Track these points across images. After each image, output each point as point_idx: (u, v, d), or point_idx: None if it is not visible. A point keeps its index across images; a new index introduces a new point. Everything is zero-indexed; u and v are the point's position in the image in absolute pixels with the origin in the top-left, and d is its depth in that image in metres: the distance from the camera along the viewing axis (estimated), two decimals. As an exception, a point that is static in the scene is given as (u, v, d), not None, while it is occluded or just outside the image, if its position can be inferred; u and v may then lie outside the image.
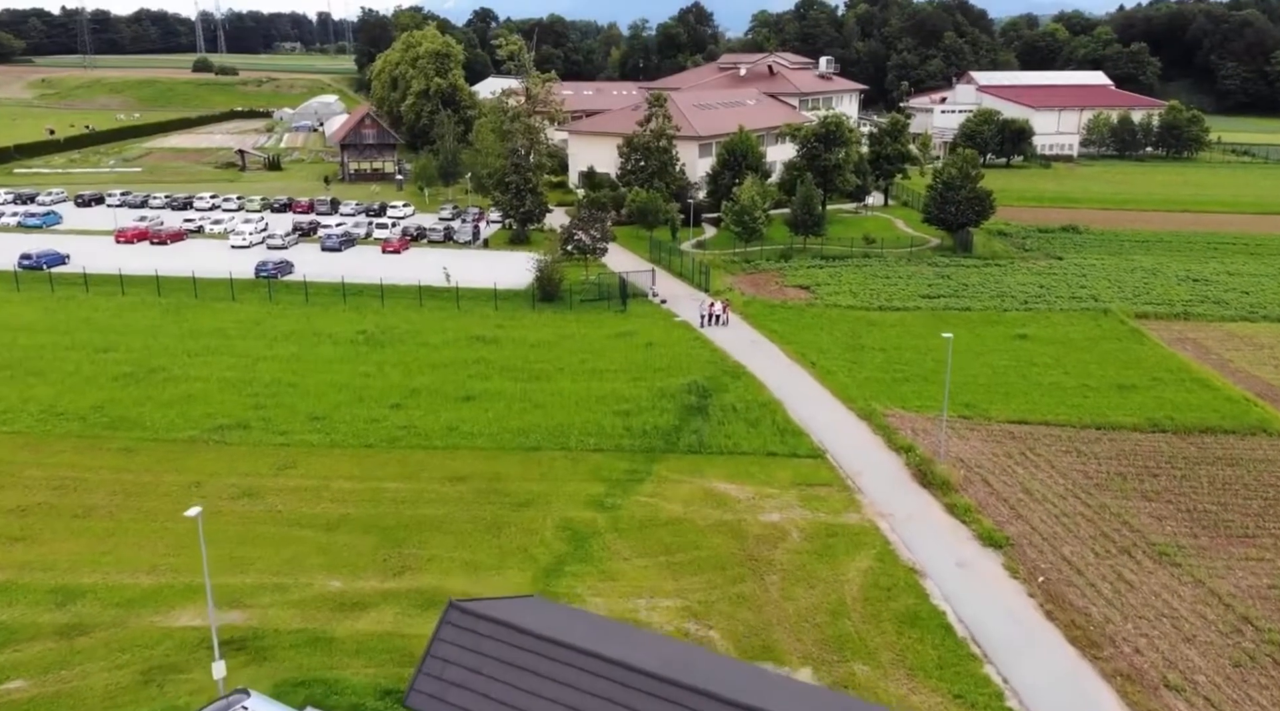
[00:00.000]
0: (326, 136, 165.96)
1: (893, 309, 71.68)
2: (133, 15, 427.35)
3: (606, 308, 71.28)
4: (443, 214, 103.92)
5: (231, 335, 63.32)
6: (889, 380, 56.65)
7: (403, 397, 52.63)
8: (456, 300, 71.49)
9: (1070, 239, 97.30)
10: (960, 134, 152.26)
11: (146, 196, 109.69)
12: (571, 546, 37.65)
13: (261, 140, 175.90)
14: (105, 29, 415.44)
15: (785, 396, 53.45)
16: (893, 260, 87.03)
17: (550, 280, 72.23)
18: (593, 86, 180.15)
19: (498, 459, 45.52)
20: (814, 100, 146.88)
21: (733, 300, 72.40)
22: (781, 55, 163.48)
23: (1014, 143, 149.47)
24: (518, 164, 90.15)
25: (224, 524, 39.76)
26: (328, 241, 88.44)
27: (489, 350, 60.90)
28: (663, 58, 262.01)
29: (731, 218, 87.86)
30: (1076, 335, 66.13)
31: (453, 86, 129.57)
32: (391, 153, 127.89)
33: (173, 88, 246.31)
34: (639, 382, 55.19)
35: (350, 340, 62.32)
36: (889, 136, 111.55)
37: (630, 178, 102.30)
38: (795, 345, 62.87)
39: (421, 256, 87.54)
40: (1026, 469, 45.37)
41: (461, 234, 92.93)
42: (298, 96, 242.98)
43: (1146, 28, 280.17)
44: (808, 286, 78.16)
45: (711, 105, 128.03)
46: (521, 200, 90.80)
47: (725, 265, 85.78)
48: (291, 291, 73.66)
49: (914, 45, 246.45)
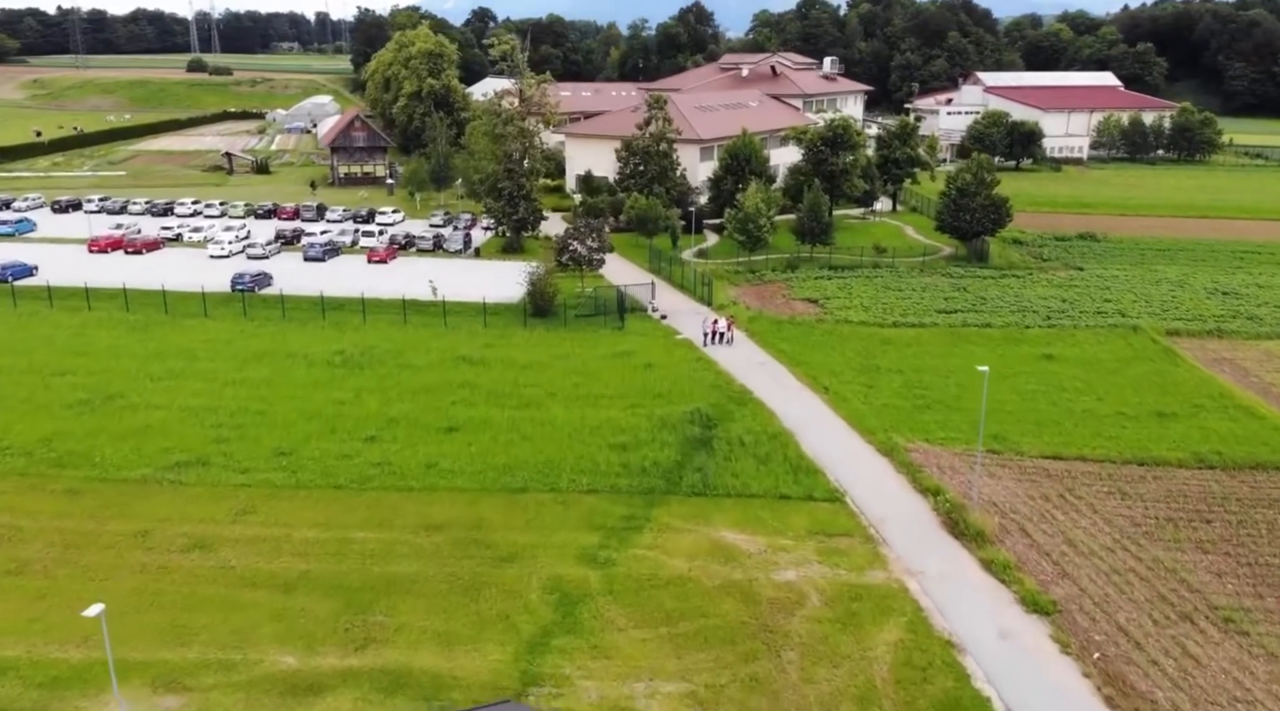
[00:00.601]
0: (319, 138, 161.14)
1: (908, 325, 66.96)
2: (129, 15, 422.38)
3: (603, 324, 66.56)
4: (433, 220, 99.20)
5: (199, 356, 58.58)
6: (909, 407, 51.94)
7: (379, 428, 47.94)
8: (443, 316, 66.73)
9: (1089, 247, 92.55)
10: (968, 136, 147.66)
11: (126, 202, 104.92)
12: (560, 613, 32.98)
13: (253, 142, 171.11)
14: (101, 29, 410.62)
15: (797, 426, 48.75)
16: (905, 270, 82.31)
17: (543, 294, 67.51)
18: (591, 87, 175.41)
19: (480, 502, 40.81)
20: (818, 102, 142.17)
21: (737, 316, 67.73)
22: (784, 55, 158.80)
23: (1024, 145, 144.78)
24: (511, 169, 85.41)
25: (170, 583, 35.18)
26: (310, 251, 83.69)
27: (476, 372, 56.20)
28: (663, 58, 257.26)
29: (735, 226, 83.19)
30: (1106, 355, 61.44)
31: (446, 88, 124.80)
32: (382, 156, 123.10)
33: (165, 88, 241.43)
34: (637, 410, 50.51)
35: (327, 361, 57.60)
36: (898, 140, 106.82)
37: (629, 183, 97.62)
38: (805, 366, 58.17)
39: (409, 266, 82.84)
40: (1067, 514, 40.68)
41: (452, 242, 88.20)
42: (292, 97, 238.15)
43: (1152, 28, 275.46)
44: (816, 300, 73.44)
45: (713, 107, 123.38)
46: (515, 207, 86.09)
47: (728, 276, 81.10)
48: (268, 306, 68.90)
49: (917, 45, 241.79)
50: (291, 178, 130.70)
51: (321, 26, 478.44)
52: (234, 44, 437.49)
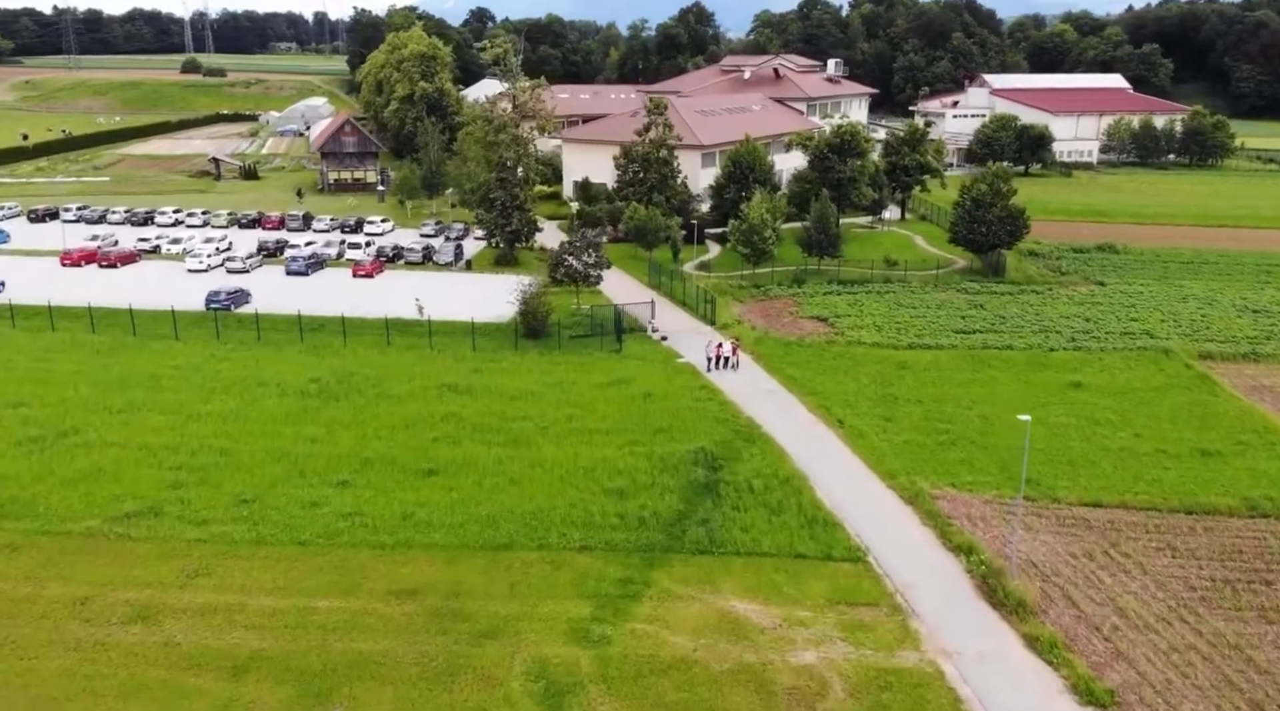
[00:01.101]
0: (311, 142, 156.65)
1: (924, 347, 62.51)
2: (125, 15, 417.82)
3: (599, 347, 62.11)
4: (424, 230, 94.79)
5: (165, 385, 54.15)
6: (931, 444, 47.55)
7: (352, 471, 43.53)
8: (429, 337, 62.26)
9: (1108, 260, 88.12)
10: (976, 140, 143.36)
11: (105, 211, 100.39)
12: (545, 707, 28.60)
13: (243, 146, 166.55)
14: (97, 29, 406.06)
15: (811, 468, 44.34)
16: (917, 285, 77.90)
17: (536, 314, 63.09)
18: (590, 89, 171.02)
19: (459, 561, 36.43)
20: (822, 105, 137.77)
21: (743, 337, 63.34)
22: (787, 58, 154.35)
23: (1033, 150, 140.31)
24: (504, 178, 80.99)
25: (107, 664, 30.89)
26: (292, 265, 79.24)
27: (461, 403, 51.79)
28: (662, 59, 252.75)
29: (739, 238, 78.86)
30: (1138, 382, 57.04)
31: (439, 91, 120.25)
32: (373, 161, 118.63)
33: (158, 89, 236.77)
34: (636, 448, 46.12)
35: (301, 391, 53.15)
36: (906, 146, 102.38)
37: (628, 191, 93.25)
38: (817, 396, 53.79)
39: (396, 281, 78.42)
40: (1114, 576, 36.31)
41: (442, 254, 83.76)
42: (286, 98, 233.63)
43: (1158, 28, 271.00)
44: (825, 318, 69.02)
45: (714, 111, 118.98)
46: (508, 218, 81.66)
47: (732, 291, 76.71)
48: (243, 327, 64.42)
49: (921, 46, 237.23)
50: (281, 183, 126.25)
51: (319, 26, 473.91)
52: (231, 44, 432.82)
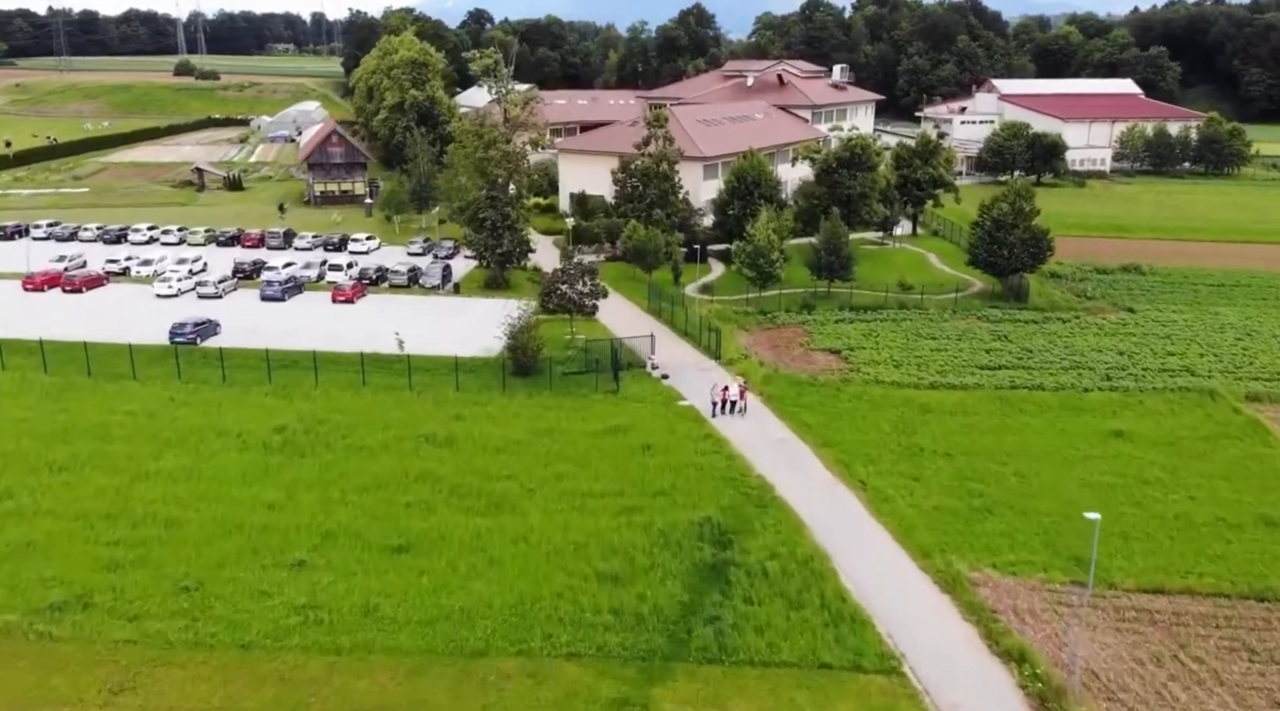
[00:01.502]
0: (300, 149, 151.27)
1: (947, 386, 57.18)
2: (121, 16, 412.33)
3: (594, 386, 56.68)
4: (411, 248, 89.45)
5: (115, 435, 48.76)
6: (965, 510, 42.17)
7: (311, 547, 38.17)
8: (409, 376, 56.82)
9: (1134, 282, 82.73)
10: (986, 148, 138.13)
11: (77, 228, 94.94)
12: None
13: (232, 153, 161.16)
14: (93, 30, 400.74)
15: (833, 543, 38.99)
16: (935, 312, 72.49)
17: (526, 350, 57.70)
18: (588, 95, 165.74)
19: (424, 673, 31.04)
20: (827, 112, 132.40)
21: (750, 374, 58.03)
22: (791, 63, 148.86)
23: (1046, 159, 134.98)
24: (494, 197, 75.60)
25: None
26: (268, 289, 73.76)
27: (440, 457, 46.43)
28: (662, 61, 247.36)
29: (744, 261, 73.52)
30: (1184, 430, 51.70)
31: (430, 99, 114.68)
32: (362, 173, 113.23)
33: (150, 93, 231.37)
34: (634, 516, 40.77)
35: (263, 444, 47.74)
36: (918, 158, 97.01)
37: (626, 207, 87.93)
38: (835, 448, 48.42)
39: (379, 306, 73.07)
40: (1189, 690, 30.96)
41: (429, 276, 78.35)
42: (280, 102, 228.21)
43: (1165, 30, 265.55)
44: (839, 350, 63.65)
45: (717, 120, 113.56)
46: (499, 239, 76.25)
47: (737, 318, 71.38)
48: (209, 364, 58.98)
49: (925, 49, 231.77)
50: (267, 194, 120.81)
51: (317, 27, 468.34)
52: (228, 45, 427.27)
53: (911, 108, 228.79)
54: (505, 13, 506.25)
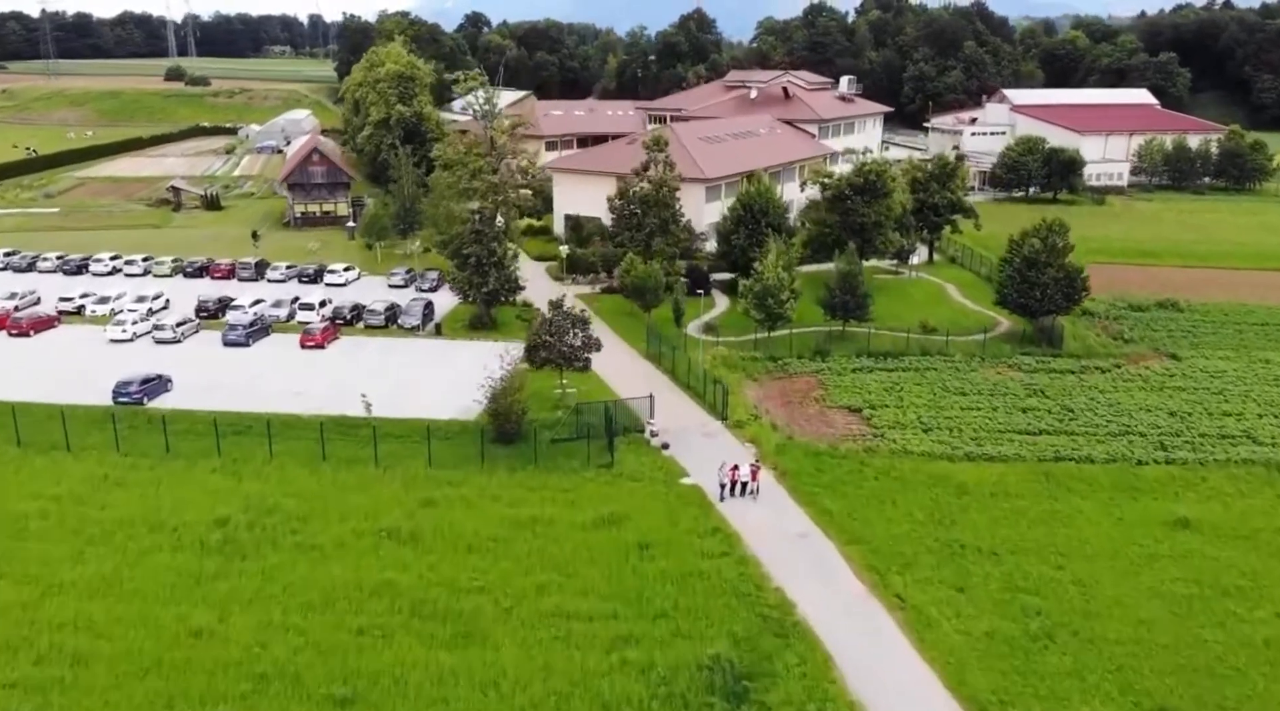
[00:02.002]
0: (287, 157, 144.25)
1: (984, 457, 50.27)
2: (116, 18, 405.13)
3: (585, 459, 49.67)
4: (392, 280, 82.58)
5: (32, 531, 41.86)
6: (1021, 638, 35.23)
7: (239, 697, 31.32)
8: (374, 447, 49.83)
9: (1173, 321, 75.72)
10: (1000, 164, 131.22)
11: (36, 257, 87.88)
12: None
13: (216, 165, 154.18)
14: (87, 33, 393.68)
15: (869, 691, 32.10)
16: (962, 359, 65.53)
17: (509, 415, 50.82)
18: (584, 105, 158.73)
19: None
20: (835, 127, 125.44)
21: (762, 439, 51.22)
22: (796, 75, 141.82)
23: (1063, 175, 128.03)
24: (480, 232, 68.67)
25: None
26: (231, 334, 66.80)
27: (403, 561, 39.54)
28: (662, 67, 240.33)
29: (753, 301, 66.64)
30: (1258, 518, 44.77)
31: (417, 115, 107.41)
32: (344, 192, 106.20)
33: (138, 100, 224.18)
34: (628, 649, 33.92)
35: (200, 541, 40.80)
36: (935, 181, 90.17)
37: (624, 237, 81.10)
38: (864, 545, 41.50)
39: (352, 352, 66.13)
40: None
41: (408, 316, 71.41)
42: (271, 109, 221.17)
43: (1174, 36, 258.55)
44: (860, 409, 56.75)
45: (719, 137, 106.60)
46: (484, 276, 69.31)
47: (744, 365, 64.50)
48: (153, 430, 51.98)
49: (931, 55, 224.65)
50: (246, 214, 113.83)
51: (314, 29, 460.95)
52: (224, 47, 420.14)
53: (917, 115, 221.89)
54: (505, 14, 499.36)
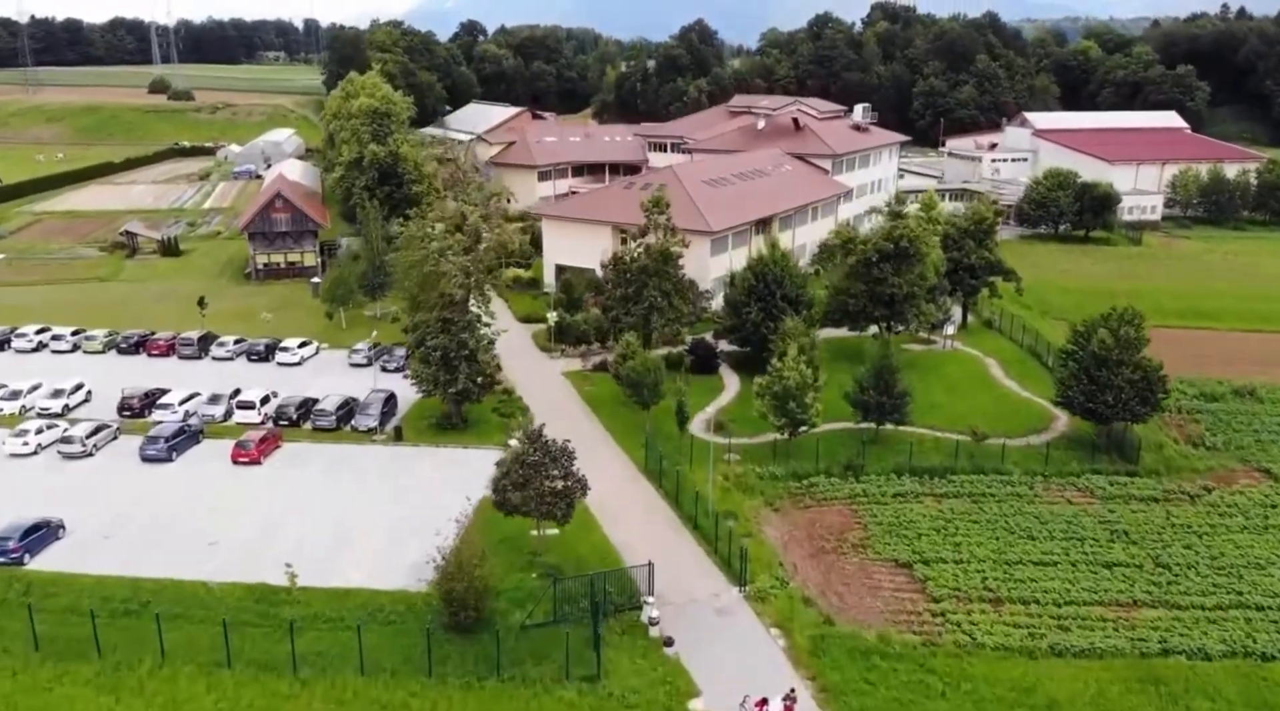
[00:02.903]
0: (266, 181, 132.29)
1: (1074, 652, 38.84)
2: (107, 24, 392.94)
3: (565, 664, 38.08)
4: (354, 357, 71.04)
5: None
6: None
7: None
8: (292, 642, 38.26)
9: (1255, 417, 63.82)
10: (1029, 200, 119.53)
11: (-52, 330, 76.45)
12: None
13: (188, 195, 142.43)
14: (78, 39, 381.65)
15: None
16: (1022, 478, 54.02)
17: (466, 602, 39.23)
18: (580, 130, 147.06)
19: None
20: (849, 161, 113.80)
21: (794, 624, 39.84)
22: (806, 102, 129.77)
23: (1096, 212, 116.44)
24: (448, 320, 57.17)
25: None
26: (150, 448, 55.05)
27: None
28: (662, 81, 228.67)
29: (771, 404, 55.24)
30: None
31: (393, 155, 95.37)
32: (312, 241, 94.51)
33: (117, 116, 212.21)
34: None
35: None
36: (971, 238, 78.74)
37: (619, 311, 69.69)
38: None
39: (290, 470, 54.48)
40: None
41: (364, 415, 59.77)
42: (255, 125, 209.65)
43: (1190, 48, 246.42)
44: (910, 565, 45.32)
45: (725, 179, 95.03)
46: (453, 373, 57.76)
47: (763, 486, 53.12)
48: (20, 613, 40.46)
49: (942, 69, 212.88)
50: (209, 260, 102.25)
51: (310, 34, 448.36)
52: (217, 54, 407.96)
53: (928, 131, 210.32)
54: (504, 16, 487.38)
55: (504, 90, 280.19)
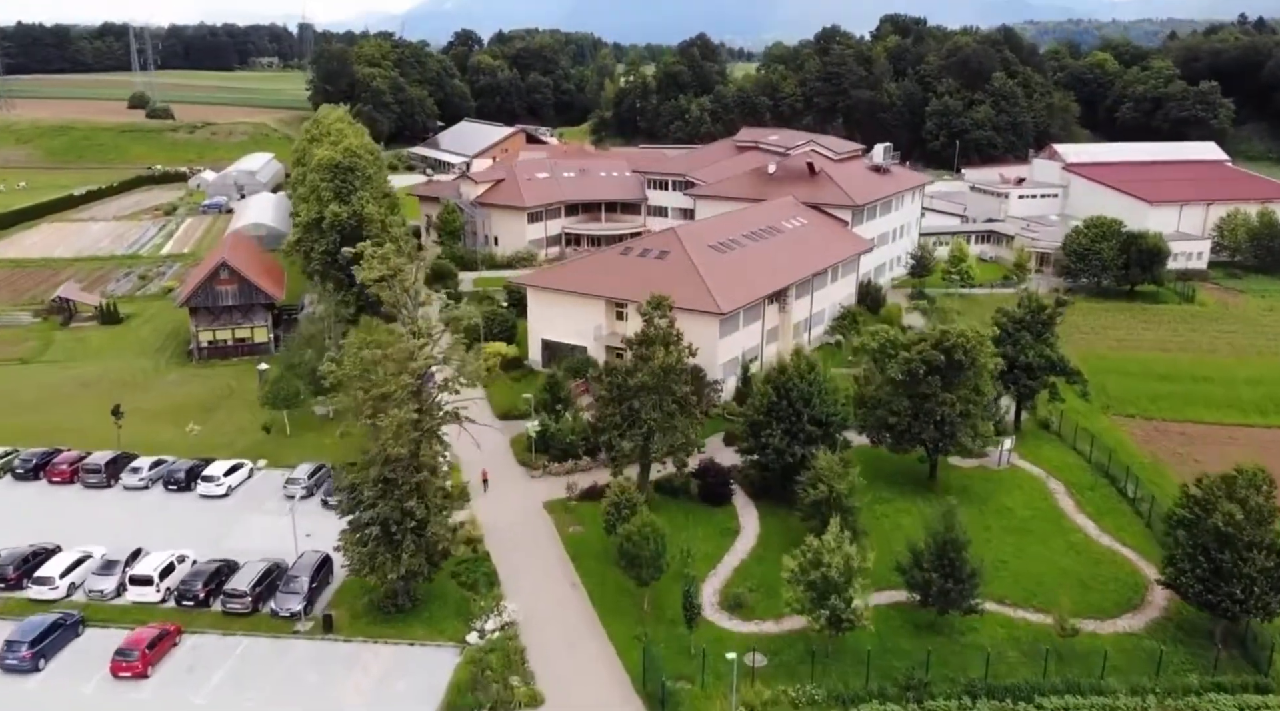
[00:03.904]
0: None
1: None
2: (96, 30, 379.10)
3: None
4: (290, 488, 57.85)
5: None
6: None
7: None
8: None
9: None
10: (1068, 251, 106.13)
11: None
12: None
13: (149, 234, 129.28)
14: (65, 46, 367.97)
15: None
16: (1127, 706, 40.99)
17: None
18: (576, 163, 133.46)
19: None
20: (870, 211, 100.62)
21: None
22: (820, 141, 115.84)
23: (1145, 267, 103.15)
24: (389, 480, 44.17)
25: None
26: (9, 656, 42.03)
27: None
28: (663, 99, 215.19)
29: (806, 594, 42.33)
30: None
31: (357, 216, 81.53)
32: (263, 315, 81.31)
33: (90, 137, 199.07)
34: None
35: None
36: (1028, 331, 65.74)
37: (612, 435, 56.65)
38: None
39: (181, 689, 41.43)
40: None
41: (288, 594, 46.60)
42: (235, 146, 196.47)
43: (1213, 63, 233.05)
44: None
45: (734, 243, 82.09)
46: (395, 549, 44.65)
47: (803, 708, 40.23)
48: None
49: (956, 87, 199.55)
50: (148, 333, 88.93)
51: (304, 40, 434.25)
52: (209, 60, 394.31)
53: (942, 152, 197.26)
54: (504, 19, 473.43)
55: (499, 103, 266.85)
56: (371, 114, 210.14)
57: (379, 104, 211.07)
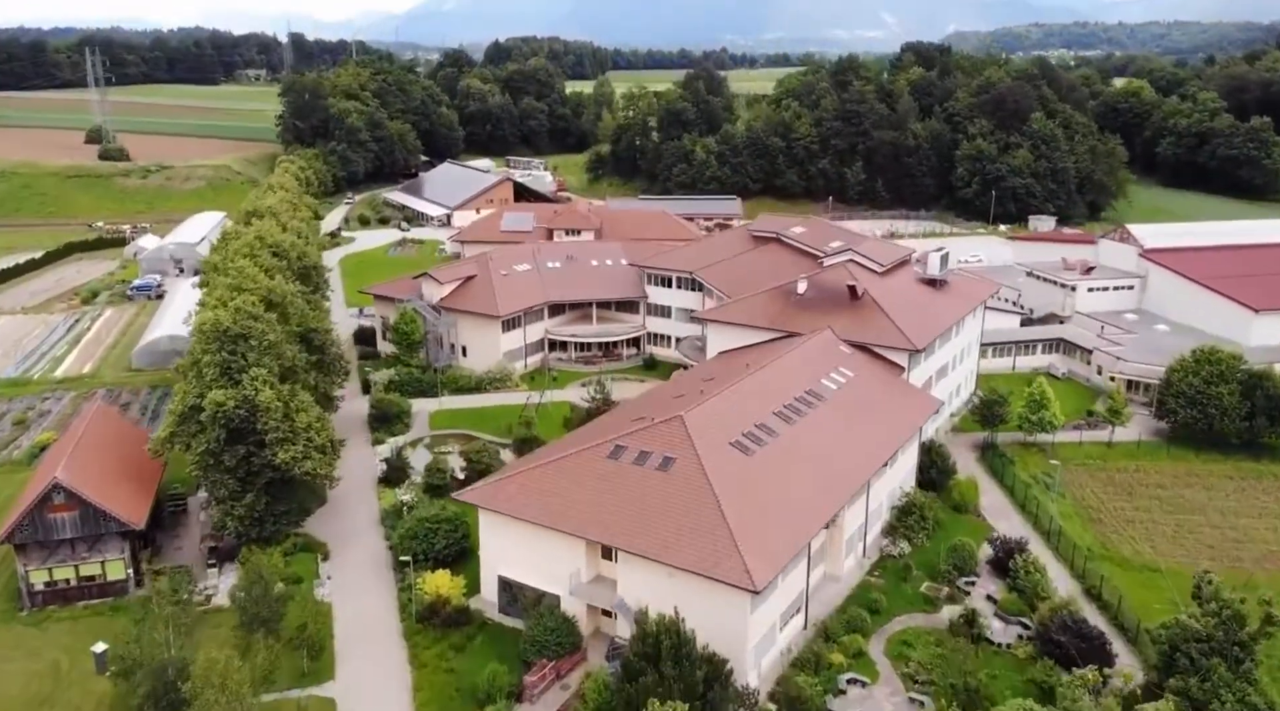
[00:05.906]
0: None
1: None
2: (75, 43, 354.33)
3: None
4: None
5: None
6: None
7: None
8: None
9: None
10: (1174, 393, 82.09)
11: None
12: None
13: (55, 331, 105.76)
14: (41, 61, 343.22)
15: None
16: None
17: None
18: (564, 250, 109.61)
19: None
20: (929, 351, 76.83)
21: None
22: (861, 248, 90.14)
23: (1273, 419, 79.36)
24: None
25: None
26: None
27: None
28: (666, 137, 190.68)
29: None
30: None
31: (249, 405, 55.55)
32: (119, 545, 57.40)
33: (33, 184, 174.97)
34: None
35: None
36: (1220, 655, 42.14)
37: None
38: None
39: None
40: None
41: None
42: (192, 193, 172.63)
43: (1263, 95, 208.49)
44: None
45: (763, 432, 58.68)
46: None
47: None
48: None
49: (989, 129, 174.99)
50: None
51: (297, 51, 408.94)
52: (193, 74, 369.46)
53: (974, 202, 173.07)
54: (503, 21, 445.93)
55: (489, 131, 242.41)
56: (346, 154, 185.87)
57: (354, 143, 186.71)
